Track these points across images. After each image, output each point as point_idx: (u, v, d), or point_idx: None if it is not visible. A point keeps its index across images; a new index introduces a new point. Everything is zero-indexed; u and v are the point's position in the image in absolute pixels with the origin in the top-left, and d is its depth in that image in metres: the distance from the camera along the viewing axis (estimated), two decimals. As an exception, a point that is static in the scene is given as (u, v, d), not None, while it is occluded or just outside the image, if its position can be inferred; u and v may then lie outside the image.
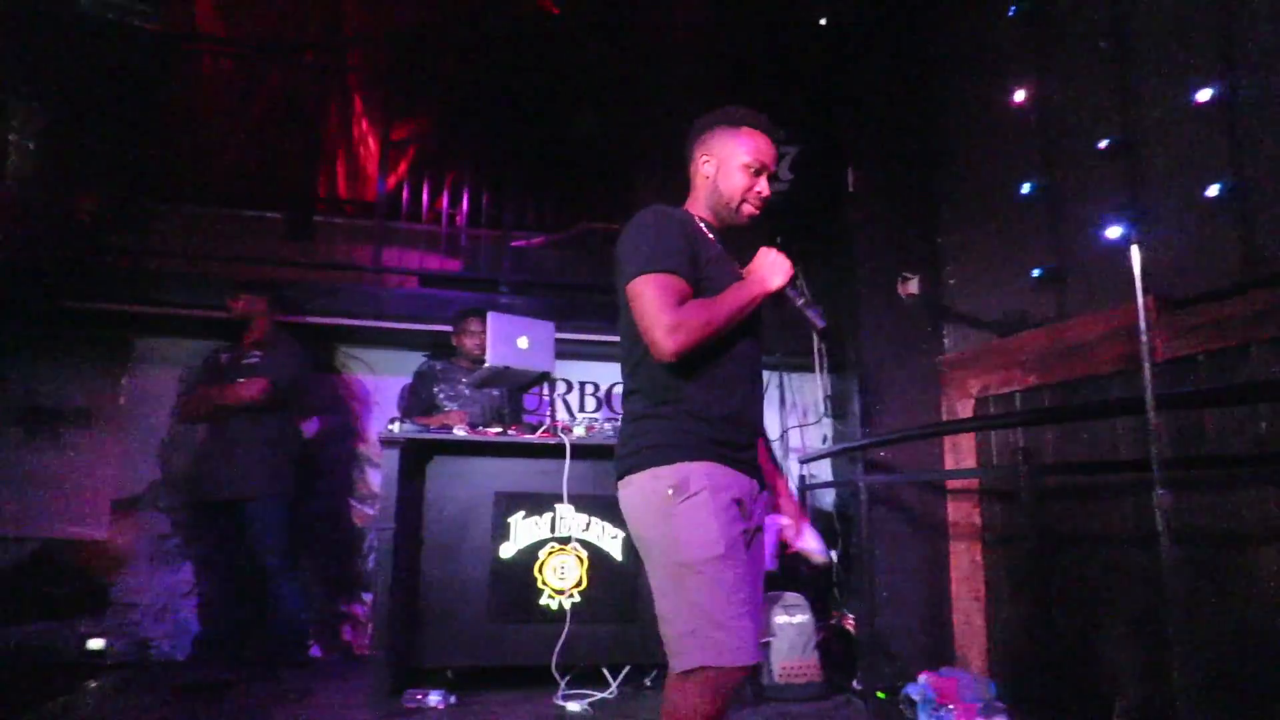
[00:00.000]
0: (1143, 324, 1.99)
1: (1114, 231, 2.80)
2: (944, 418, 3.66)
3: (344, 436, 4.52)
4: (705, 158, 1.86)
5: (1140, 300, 1.98)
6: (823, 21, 4.67)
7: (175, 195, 4.83)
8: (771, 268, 1.78)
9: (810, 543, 1.90)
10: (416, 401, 3.84)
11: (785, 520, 1.89)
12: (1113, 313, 2.78)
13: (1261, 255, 2.40)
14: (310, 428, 4.49)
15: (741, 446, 1.70)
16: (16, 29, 4.51)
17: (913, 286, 3.83)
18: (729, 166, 1.83)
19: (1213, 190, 2.48)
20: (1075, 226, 3.11)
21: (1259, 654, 2.27)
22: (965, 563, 3.45)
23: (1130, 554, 2.67)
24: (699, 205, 1.89)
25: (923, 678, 2.82)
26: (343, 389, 4.58)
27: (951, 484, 3.57)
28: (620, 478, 1.72)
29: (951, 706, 2.60)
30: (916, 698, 2.77)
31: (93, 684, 3.44)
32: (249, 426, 3.67)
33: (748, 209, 1.85)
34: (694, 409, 1.67)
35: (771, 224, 4.86)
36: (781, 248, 1.89)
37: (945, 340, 3.81)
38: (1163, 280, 2.64)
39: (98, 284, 4.15)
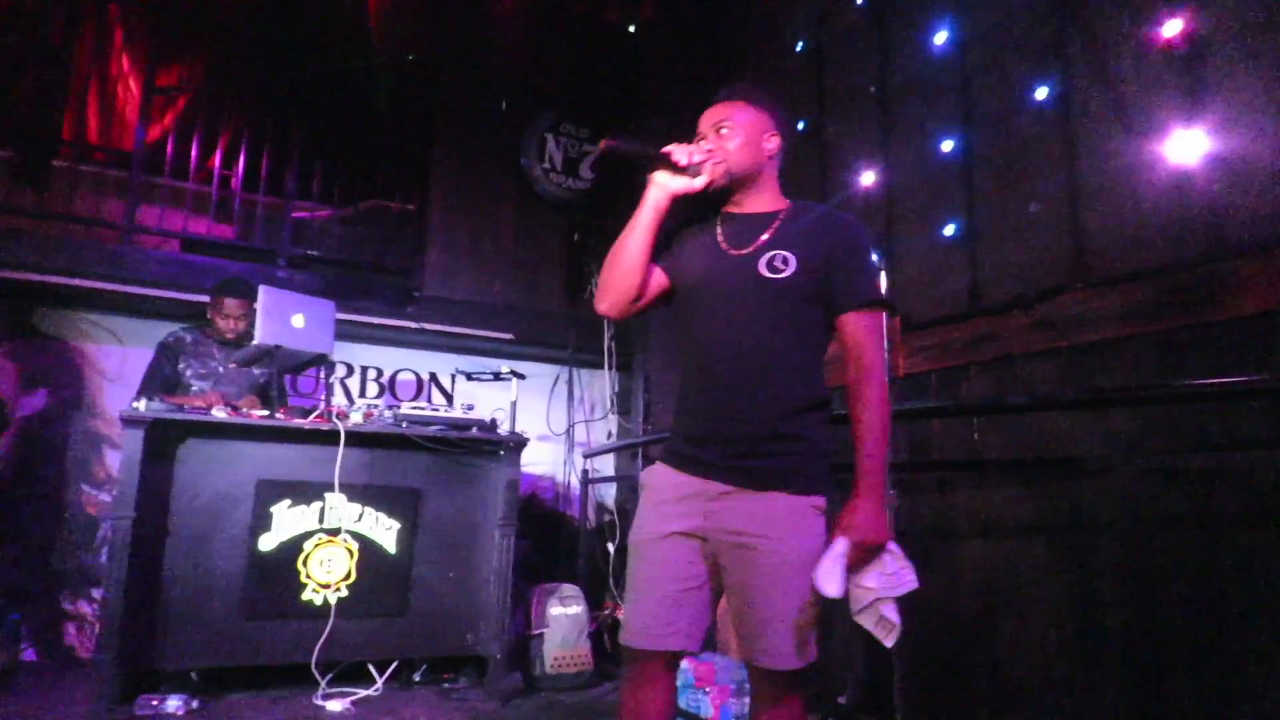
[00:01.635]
0: (886, 343, 2.24)
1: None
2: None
3: (79, 413, 3.99)
4: None
5: (884, 321, 2.22)
6: (631, 29, 4.81)
7: None
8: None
9: (823, 575, 1.47)
10: (157, 377, 3.34)
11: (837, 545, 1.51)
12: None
13: (982, 290, 2.79)
14: (35, 401, 3.92)
15: (696, 441, 1.61)
16: None
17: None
18: None
19: (949, 230, 2.85)
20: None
21: (957, 635, 2.65)
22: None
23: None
24: None
25: (684, 663, 2.99)
26: (79, 359, 4.04)
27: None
28: None
29: (708, 689, 2.78)
30: (678, 681, 2.92)
31: None
32: None
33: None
34: (674, 408, 1.74)
35: (571, 221, 4.94)
36: (579, 246, 1.91)
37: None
38: (905, 304, 3.00)
39: None
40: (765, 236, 1.66)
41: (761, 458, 1.55)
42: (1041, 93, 2.63)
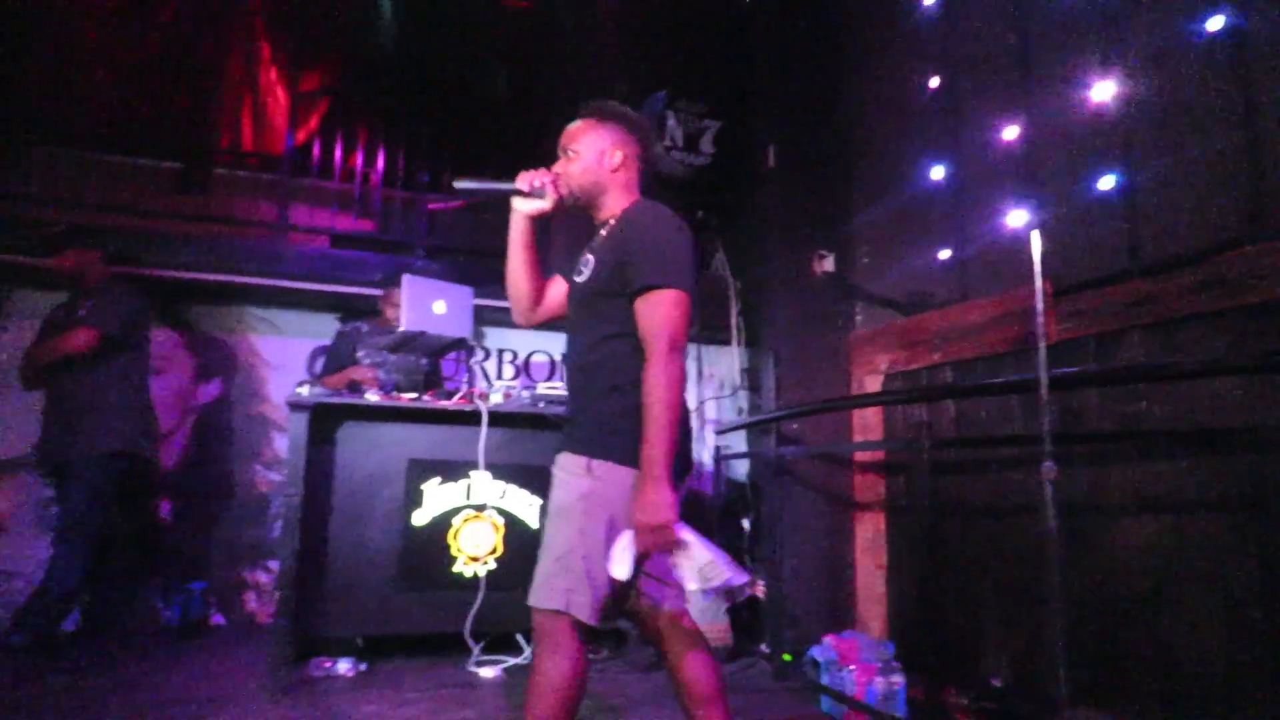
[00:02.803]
0: (1040, 306, 2.11)
1: (1014, 219, 2.96)
2: (853, 392, 3.80)
3: (248, 399, 4.34)
4: None
5: (1039, 285, 2.09)
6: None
7: (56, 139, 4.50)
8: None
9: (613, 558, 1.62)
10: (334, 362, 3.72)
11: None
12: (1007, 296, 2.94)
13: (1142, 248, 2.58)
14: (211, 390, 4.30)
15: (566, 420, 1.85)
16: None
17: (827, 264, 3.93)
18: None
19: (1107, 183, 2.65)
20: (977, 213, 3.27)
21: (1119, 619, 2.48)
22: (869, 532, 3.62)
23: (1014, 525, 2.86)
24: None
25: (826, 640, 2.95)
26: (245, 350, 4.39)
27: (858, 456, 3.72)
28: None
29: (852, 667, 2.74)
30: (820, 659, 2.90)
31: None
32: (77, 385, 3.37)
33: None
34: None
35: (691, 198, 4.91)
36: (702, 222, 1.95)
37: (857, 317, 3.94)
38: (1054, 267, 2.81)
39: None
40: (591, 243, 1.88)
41: (571, 430, 1.79)
42: (1214, 22, 2.38)
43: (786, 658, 3.27)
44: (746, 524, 4.16)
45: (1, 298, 4.05)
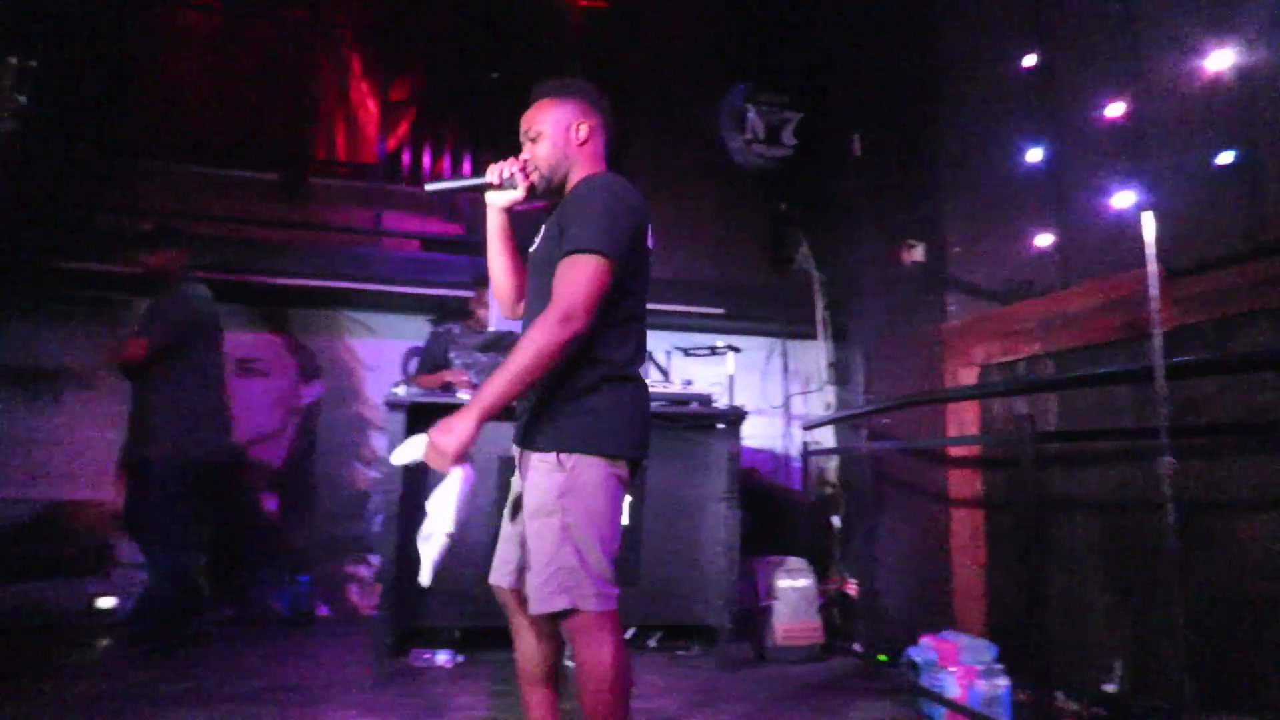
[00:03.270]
0: (1154, 292, 2.00)
1: (1121, 199, 2.81)
2: (947, 385, 3.69)
3: (346, 400, 4.52)
4: None
5: (1152, 268, 1.98)
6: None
7: (165, 154, 4.77)
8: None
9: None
10: (428, 363, 3.83)
11: None
12: (1113, 282, 2.79)
13: (1265, 226, 2.41)
14: (312, 391, 4.49)
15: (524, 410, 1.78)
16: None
17: (917, 254, 3.83)
18: None
19: (1225, 158, 2.48)
20: (1078, 195, 3.11)
21: (1243, 619, 2.33)
22: (966, 529, 3.50)
23: (1127, 521, 2.72)
24: None
25: (924, 640, 2.87)
26: (344, 352, 4.57)
27: (954, 451, 3.61)
28: None
29: (953, 669, 2.65)
30: (918, 660, 2.82)
31: (105, 641, 3.48)
32: (151, 385, 3.46)
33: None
34: None
35: (773, 191, 4.86)
36: (785, 215, 1.92)
37: (949, 308, 3.81)
38: (1164, 249, 2.65)
39: (90, 244, 4.11)
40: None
41: (526, 421, 1.72)
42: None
43: (882, 658, 3.19)
44: (836, 521, 4.09)
45: (119, 306, 4.32)
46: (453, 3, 5.63)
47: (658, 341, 4.91)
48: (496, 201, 1.89)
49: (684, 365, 4.50)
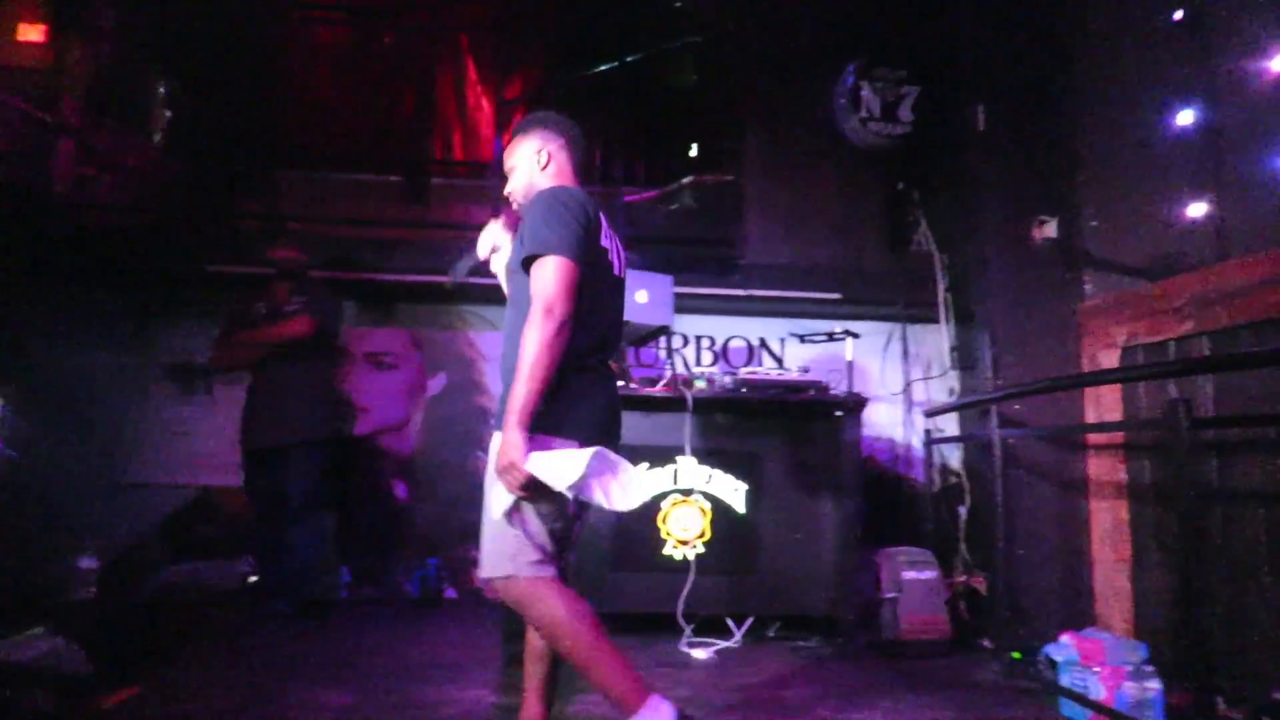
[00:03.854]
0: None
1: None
2: (1084, 369, 3.46)
3: (469, 391, 4.69)
4: None
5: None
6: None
7: (299, 162, 5.06)
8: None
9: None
10: None
11: None
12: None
13: None
14: (437, 383, 4.68)
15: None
16: (147, 5, 4.80)
17: (1049, 230, 3.60)
18: None
19: None
20: (1237, 159, 2.85)
21: None
22: (1108, 522, 3.28)
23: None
24: None
25: (1065, 638, 2.71)
26: (465, 345, 4.74)
27: (1093, 439, 3.39)
28: None
29: (1097, 668, 2.49)
30: (1058, 658, 2.66)
31: (259, 615, 3.72)
32: (289, 373, 3.69)
33: None
34: None
35: (890, 170, 4.68)
36: (903, 194, 1.88)
37: (1085, 286, 3.58)
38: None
39: (236, 247, 4.42)
40: None
41: (499, 409, 1.87)
42: None
43: (1015, 655, 3.04)
44: (963, 511, 3.93)
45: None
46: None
47: (771, 328, 4.84)
48: (497, 265, 2.13)
49: (800, 352, 4.42)
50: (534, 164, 2.07)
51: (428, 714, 2.47)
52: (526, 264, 1.85)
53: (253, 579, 4.07)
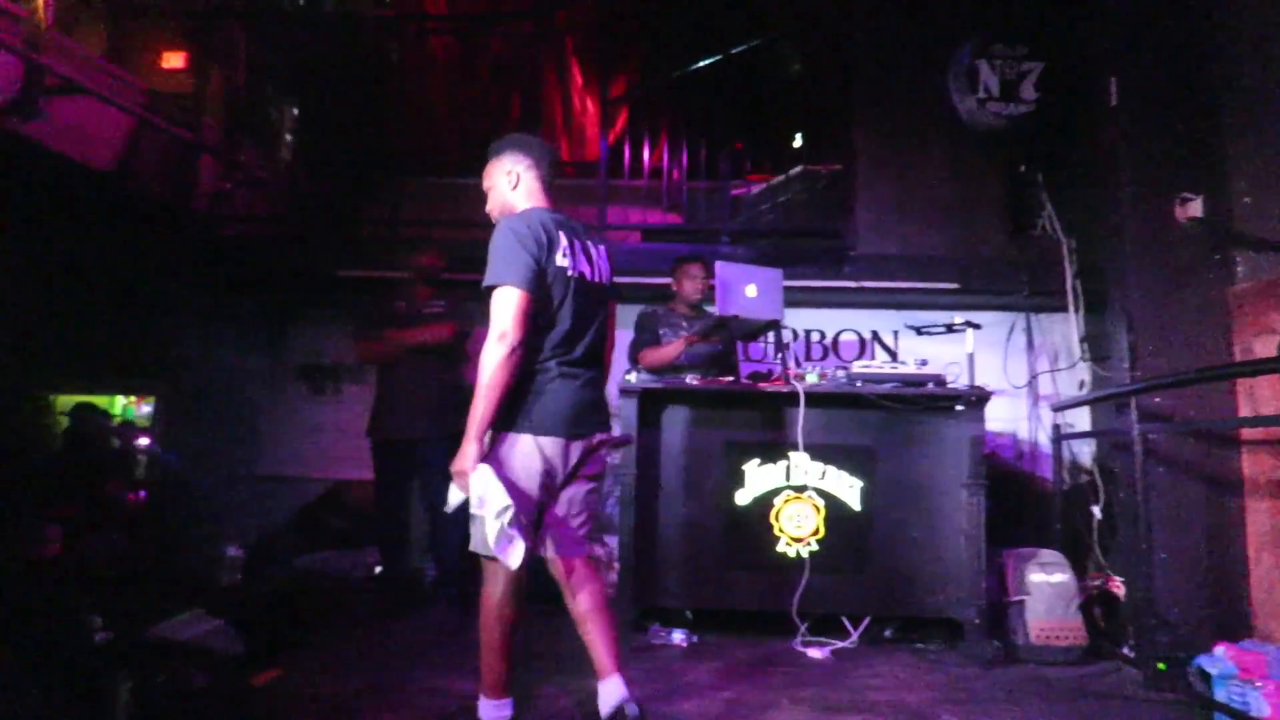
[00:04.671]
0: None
1: None
2: (1236, 357, 3.19)
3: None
4: None
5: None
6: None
7: (416, 169, 5.26)
8: None
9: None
10: (641, 341, 3.84)
11: None
12: None
13: None
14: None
15: None
16: (267, 30, 5.10)
17: (1194, 208, 3.33)
18: None
19: None
20: None
21: None
22: (1265, 524, 3.02)
23: None
24: None
25: (1218, 650, 2.51)
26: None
27: (1247, 434, 3.12)
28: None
29: (1259, 683, 2.28)
30: (1211, 671, 2.47)
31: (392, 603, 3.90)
32: (422, 371, 3.81)
33: None
34: None
35: (1011, 152, 4.45)
36: (1025, 177, 1.79)
37: (1237, 268, 3.29)
38: None
39: (361, 253, 4.63)
40: None
41: None
42: None
43: (1161, 666, 2.84)
44: (1096, 511, 3.70)
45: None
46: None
47: (884, 321, 4.70)
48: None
49: (918, 345, 4.26)
50: (504, 184, 2.26)
51: (549, 703, 2.52)
52: (486, 292, 2.09)
53: (378, 569, 4.26)
